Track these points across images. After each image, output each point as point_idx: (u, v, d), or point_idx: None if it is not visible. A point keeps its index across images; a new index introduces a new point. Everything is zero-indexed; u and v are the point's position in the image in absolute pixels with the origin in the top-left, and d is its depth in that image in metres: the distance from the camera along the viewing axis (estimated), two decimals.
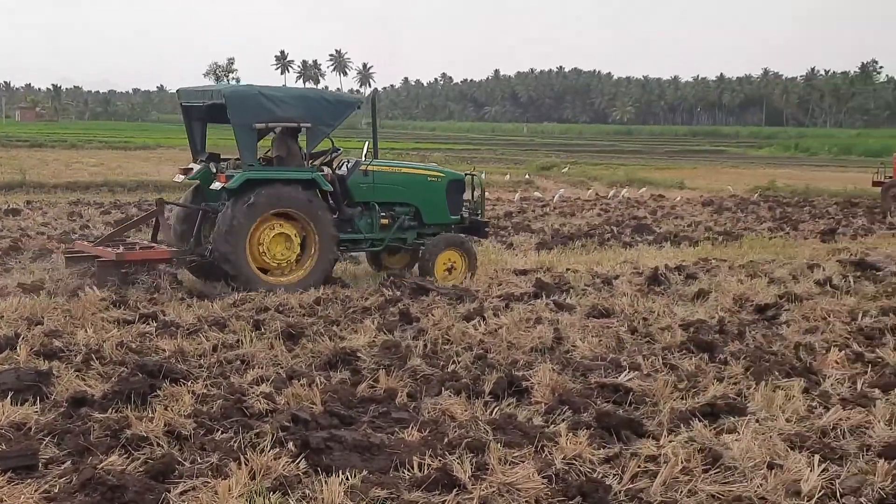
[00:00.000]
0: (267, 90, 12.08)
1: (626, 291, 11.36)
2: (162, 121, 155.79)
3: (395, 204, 12.94)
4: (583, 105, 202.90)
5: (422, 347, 8.33)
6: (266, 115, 11.78)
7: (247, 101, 11.74)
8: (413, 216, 13.06)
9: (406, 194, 13.01)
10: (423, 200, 13.12)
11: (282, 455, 5.48)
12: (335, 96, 12.99)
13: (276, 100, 11.92)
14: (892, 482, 5.32)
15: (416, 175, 13.36)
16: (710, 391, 7.15)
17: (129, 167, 37.19)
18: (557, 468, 5.49)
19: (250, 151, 11.75)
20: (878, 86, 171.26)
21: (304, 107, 12.09)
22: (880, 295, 11.47)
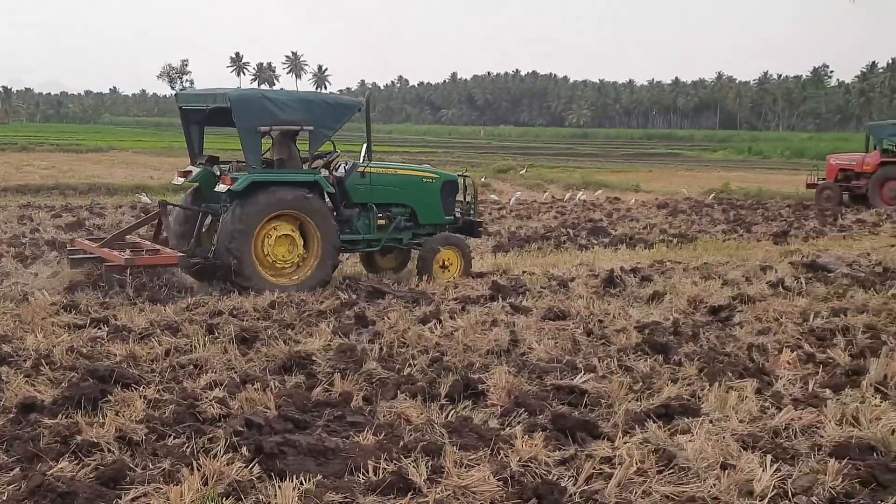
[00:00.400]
0: (270, 93, 12.35)
1: (582, 294, 11.40)
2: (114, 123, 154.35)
3: (392, 205, 13.25)
4: (539, 108, 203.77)
5: (377, 351, 8.30)
6: (270, 118, 11.98)
7: (251, 104, 11.92)
8: (409, 217, 13.39)
9: (402, 195, 13.31)
10: (419, 201, 13.44)
11: (235, 460, 5.42)
12: (336, 99, 13.18)
13: (280, 103, 12.12)
14: (843, 481, 5.38)
15: (411, 177, 13.63)
16: (664, 392, 7.18)
17: (80, 170, 36.74)
18: (513, 470, 5.49)
19: (255, 154, 11.95)
20: (830, 90, 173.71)
21: (306, 110, 12.30)
22: (831, 296, 11.60)
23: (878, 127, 31.01)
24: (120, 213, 21.36)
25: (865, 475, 5.48)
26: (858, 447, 5.97)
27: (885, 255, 15.99)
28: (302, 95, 12.98)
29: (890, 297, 11.47)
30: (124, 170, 38.90)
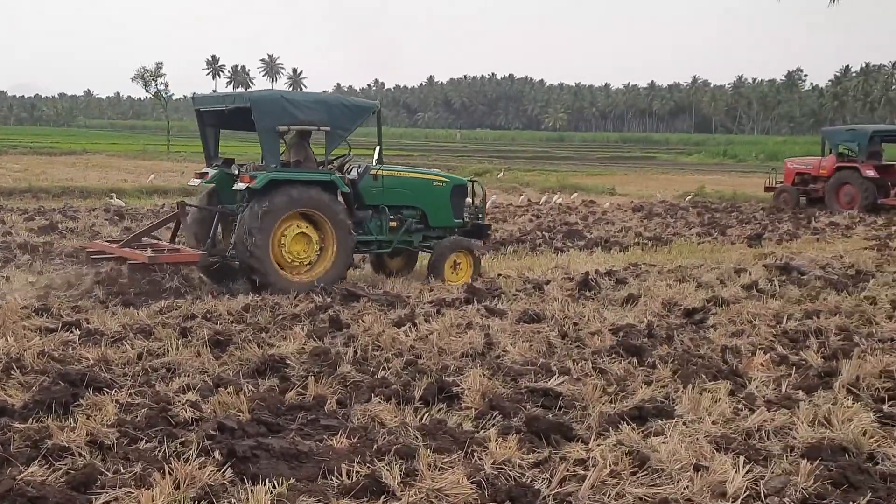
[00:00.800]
0: (289, 94, 12.81)
1: (557, 297, 11.41)
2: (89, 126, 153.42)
3: (403, 207, 13.54)
4: (516, 111, 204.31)
5: (352, 354, 8.27)
6: (288, 118, 12.29)
7: (271, 105, 12.22)
8: (419, 219, 13.68)
9: (413, 198, 13.62)
10: (430, 204, 13.74)
11: (207, 464, 5.38)
12: (352, 101, 13.33)
13: (298, 104, 12.45)
14: (815, 482, 5.41)
15: (422, 180, 13.99)
16: (638, 395, 7.21)
17: (54, 173, 36.46)
18: (487, 473, 5.48)
19: (273, 154, 12.23)
20: (804, 94, 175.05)
21: (323, 111, 12.60)
22: (804, 298, 11.68)
23: (833, 132, 31.70)
24: (93, 216, 21.19)
25: (837, 476, 5.51)
26: (830, 448, 6.00)
27: (858, 257, 16.13)
28: (319, 97, 13.38)
29: (862, 299, 11.56)
30: (98, 172, 38.64)
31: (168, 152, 60.50)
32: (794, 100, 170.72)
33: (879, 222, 24.68)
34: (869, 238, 20.45)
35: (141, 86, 67.53)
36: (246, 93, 12.41)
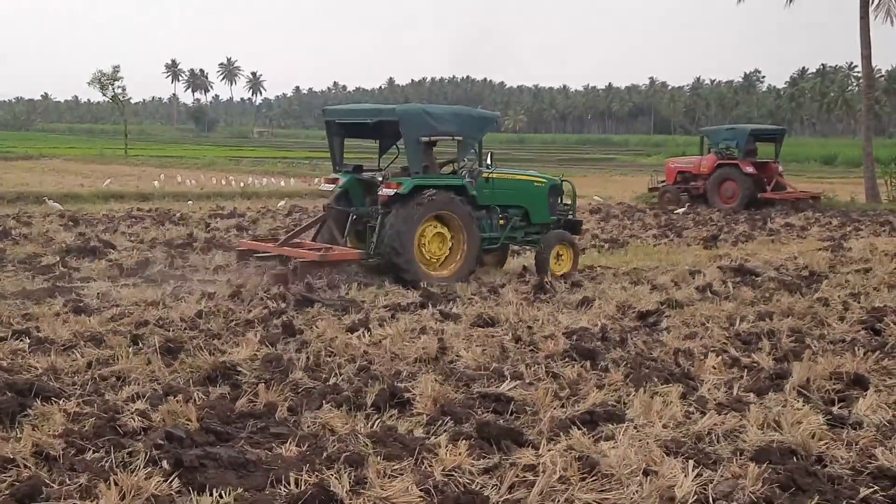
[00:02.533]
0: (430, 108, 14.18)
1: (512, 300, 11.43)
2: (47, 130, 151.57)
3: (510, 206, 14.72)
4: None
5: (304, 360, 8.20)
6: (429, 129, 13.61)
7: (416, 118, 13.53)
8: (522, 217, 14.85)
9: (518, 198, 14.82)
10: (531, 203, 14.95)
11: (154, 474, 5.31)
12: (479, 112, 15.01)
13: (437, 116, 13.80)
14: (763, 486, 5.44)
15: (525, 181, 15.21)
16: (590, 399, 7.21)
17: (9, 178, 35.99)
18: (436, 480, 5.46)
19: (417, 161, 13.46)
20: (761, 95, 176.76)
21: (457, 122, 13.96)
22: (758, 300, 11.79)
23: (714, 132, 33.35)
24: (48, 221, 20.94)
25: (785, 479, 5.54)
26: (779, 451, 6.04)
27: (812, 258, 16.30)
28: (454, 109, 15.00)
29: (815, 300, 11.68)
30: (54, 177, 38.19)
31: (126, 156, 59.98)
32: (752, 101, 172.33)
33: (833, 222, 24.98)
34: (823, 239, 20.69)
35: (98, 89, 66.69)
36: (394, 107, 14.19)
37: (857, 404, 7.12)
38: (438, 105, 17.70)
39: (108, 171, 42.08)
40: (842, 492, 5.52)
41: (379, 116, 13.84)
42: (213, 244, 16.88)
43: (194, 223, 21.43)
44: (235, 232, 19.56)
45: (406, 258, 12.93)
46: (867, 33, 36.16)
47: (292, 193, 31.29)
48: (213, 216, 23.44)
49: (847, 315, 10.68)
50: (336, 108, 15.24)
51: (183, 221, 21.80)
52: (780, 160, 32.37)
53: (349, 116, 14.69)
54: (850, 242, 19.60)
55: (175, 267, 14.04)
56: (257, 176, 41.11)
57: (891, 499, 5.46)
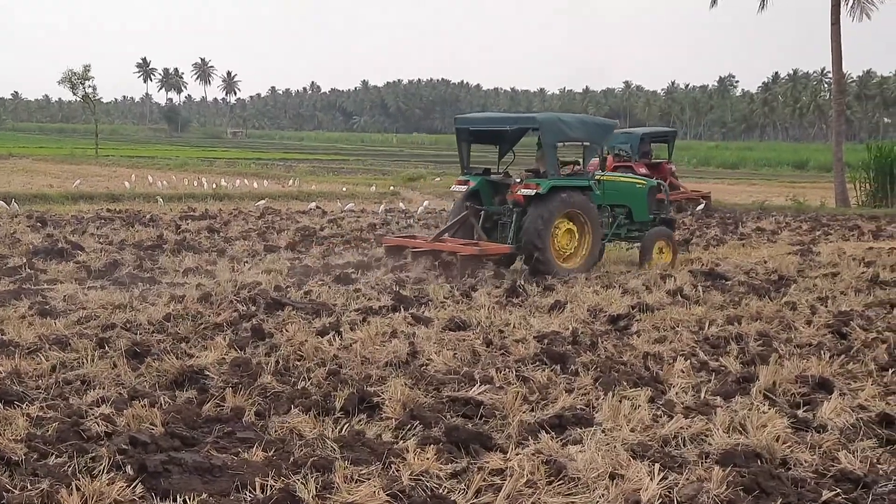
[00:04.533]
0: (563, 116, 15.60)
1: (484, 304, 11.42)
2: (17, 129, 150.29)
3: (617, 206, 16.27)
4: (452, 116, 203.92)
5: (273, 364, 8.15)
6: (563, 136, 15.26)
7: (553, 125, 15.07)
8: (626, 215, 16.36)
9: (623, 198, 16.35)
10: (634, 203, 16.46)
11: (117, 480, 5.27)
12: (602, 120, 17.02)
13: (569, 124, 15.35)
14: (727, 489, 5.47)
15: (630, 183, 16.88)
16: (559, 402, 7.23)
17: None
18: (403, 485, 5.45)
19: (554, 164, 15.05)
20: (735, 99, 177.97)
21: (585, 129, 15.64)
22: (727, 304, 11.86)
23: None
24: (15, 222, 20.74)
25: (749, 482, 5.58)
26: (744, 454, 6.08)
27: (781, 263, 16.40)
28: (582, 118, 16.68)
29: (783, 304, 11.76)
30: (23, 177, 37.83)
31: (97, 157, 59.51)
32: (726, 105, 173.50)
33: (803, 227, 25.17)
34: (793, 243, 20.82)
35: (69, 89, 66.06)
36: (535, 115, 15.95)
37: (821, 408, 7.17)
38: (569, 114, 18.96)
39: (78, 172, 41.75)
40: (805, 495, 5.56)
41: (518, 124, 15.64)
42: (183, 246, 16.78)
43: (165, 225, 21.29)
44: (206, 234, 19.45)
45: (544, 252, 14.40)
46: (838, 39, 36.47)
47: (266, 195, 31.17)
48: (185, 218, 23.31)
49: (814, 319, 10.76)
50: (469, 117, 16.80)
51: (153, 223, 21.65)
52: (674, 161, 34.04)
53: (485, 125, 16.33)
54: (819, 247, 19.74)
55: (144, 269, 13.95)
56: (230, 177, 40.89)
57: (853, 502, 5.51)
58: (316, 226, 22.08)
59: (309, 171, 50.34)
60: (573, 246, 15.06)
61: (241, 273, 13.62)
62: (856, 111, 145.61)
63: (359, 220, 24.33)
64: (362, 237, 19.74)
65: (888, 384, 7.99)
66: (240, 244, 17.60)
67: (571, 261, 14.99)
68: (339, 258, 16.03)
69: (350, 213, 26.61)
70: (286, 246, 17.42)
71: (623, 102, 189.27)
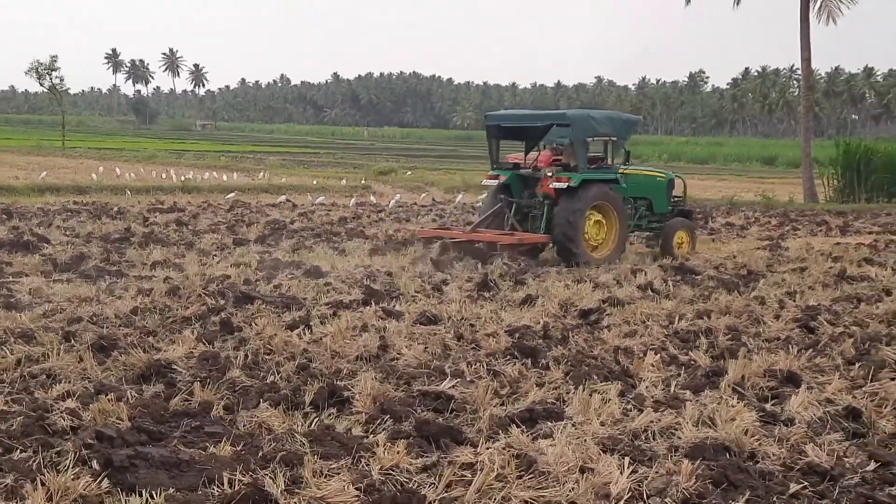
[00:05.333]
0: (593, 113, 16.59)
1: (456, 297, 11.40)
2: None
3: (639, 198, 16.99)
4: (423, 110, 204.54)
5: (242, 358, 8.09)
6: (592, 131, 16.10)
7: (583, 121, 15.99)
8: (647, 207, 17.13)
9: (645, 190, 17.11)
10: (655, 195, 17.25)
11: (83, 474, 5.20)
12: (627, 116, 17.80)
13: (598, 120, 16.19)
14: (696, 482, 5.48)
15: (650, 176, 17.68)
16: (530, 396, 7.22)
17: None
18: (373, 479, 5.43)
19: (583, 159, 15.81)
20: (705, 95, 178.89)
21: (612, 125, 16.39)
22: (697, 299, 11.91)
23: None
24: None
25: (717, 475, 5.60)
26: (713, 448, 6.10)
27: (750, 257, 16.51)
28: (609, 114, 17.37)
29: (752, 298, 11.84)
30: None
31: (63, 148, 58.92)
32: (697, 101, 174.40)
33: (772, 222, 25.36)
34: (762, 238, 20.97)
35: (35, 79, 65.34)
36: (566, 112, 16.85)
37: (789, 401, 7.23)
38: (598, 110, 19.81)
39: (45, 164, 41.35)
40: (772, 488, 5.60)
41: (549, 121, 16.49)
42: (151, 239, 16.65)
43: (132, 217, 21.13)
44: (175, 227, 19.31)
45: (576, 242, 15.19)
46: (807, 36, 36.76)
47: (235, 188, 30.99)
48: (152, 210, 23.14)
49: (782, 313, 10.84)
50: (500, 114, 17.91)
51: (121, 215, 21.48)
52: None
53: (516, 121, 17.35)
54: (787, 242, 19.92)
55: (111, 262, 13.81)
56: (199, 170, 40.65)
57: (820, 494, 5.55)
58: (286, 219, 21.98)
59: (279, 164, 50.09)
60: (602, 236, 15.81)
61: (209, 266, 13.53)
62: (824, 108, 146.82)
63: (329, 213, 24.24)
64: (333, 231, 19.66)
65: (855, 378, 8.06)
66: (209, 237, 17.49)
67: (600, 250, 15.70)
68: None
69: (321, 206, 26.52)
70: (256, 239, 17.32)
71: (595, 97, 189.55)
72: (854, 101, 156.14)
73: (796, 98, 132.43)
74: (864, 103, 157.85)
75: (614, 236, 15.88)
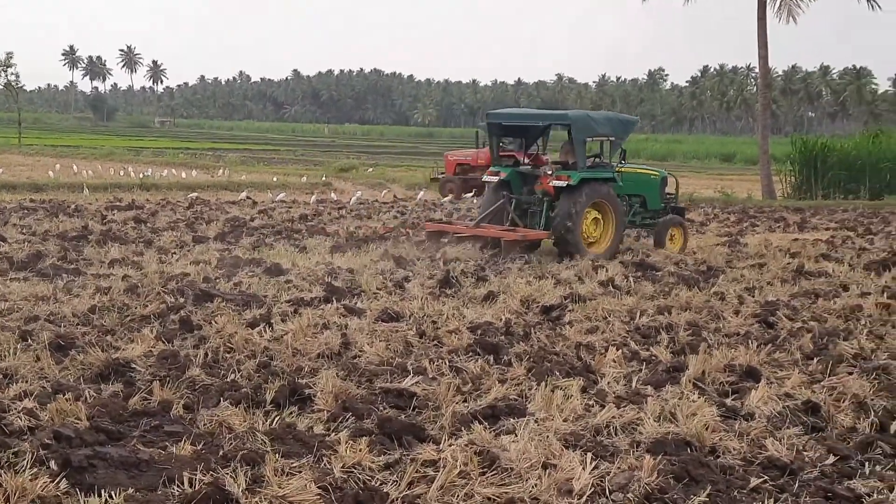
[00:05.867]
0: (592, 114, 17.18)
1: (418, 294, 11.38)
2: None
3: (634, 195, 17.48)
4: (384, 106, 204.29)
5: (202, 356, 8.01)
6: (591, 132, 16.58)
7: (583, 121, 16.50)
8: (641, 204, 17.59)
9: (640, 188, 17.62)
10: (649, 192, 17.73)
11: (40, 475, 5.13)
12: (625, 117, 18.19)
13: (596, 121, 16.72)
14: (658, 477, 5.51)
15: (644, 174, 18.17)
16: (492, 393, 7.23)
17: None
18: (335, 477, 5.39)
19: (582, 158, 16.36)
20: (664, 93, 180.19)
21: (611, 125, 16.85)
22: (657, 294, 11.98)
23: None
24: None
25: (679, 470, 5.64)
26: (674, 443, 6.14)
27: (710, 254, 16.65)
28: (608, 115, 17.94)
29: (712, 294, 11.93)
30: None
31: (20, 146, 58.14)
32: (656, 98, 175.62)
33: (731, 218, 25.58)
34: (721, 235, 21.14)
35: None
36: (567, 112, 17.44)
37: (749, 396, 7.28)
38: (597, 111, 20.21)
39: (0, 161, 40.76)
40: (733, 482, 5.65)
41: (549, 121, 17.40)
42: (109, 237, 16.46)
43: (90, 215, 20.86)
44: (133, 224, 19.11)
45: (575, 237, 15.71)
46: (765, 35, 37.11)
47: (195, 185, 30.73)
48: (110, 208, 22.88)
49: (742, 309, 10.93)
50: (501, 112, 18.11)
51: (78, 213, 21.21)
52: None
53: (517, 120, 17.86)
54: (746, 238, 20.12)
55: (69, 260, 13.63)
56: (158, 167, 40.28)
57: (780, 488, 5.60)
58: (246, 216, 21.81)
59: (239, 160, 49.78)
60: (599, 232, 16.32)
61: (168, 264, 13.38)
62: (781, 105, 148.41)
63: (290, 210, 24.11)
64: (294, 228, 19.55)
65: (813, 373, 8.15)
66: (167, 235, 17.31)
67: (596, 246, 16.18)
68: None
69: (281, 203, 26.37)
70: (215, 237, 17.18)
71: (555, 95, 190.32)
72: (811, 99, 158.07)
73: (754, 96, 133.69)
74: (821, 101, 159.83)
75: (611, 233, 16.39)
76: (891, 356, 8.77)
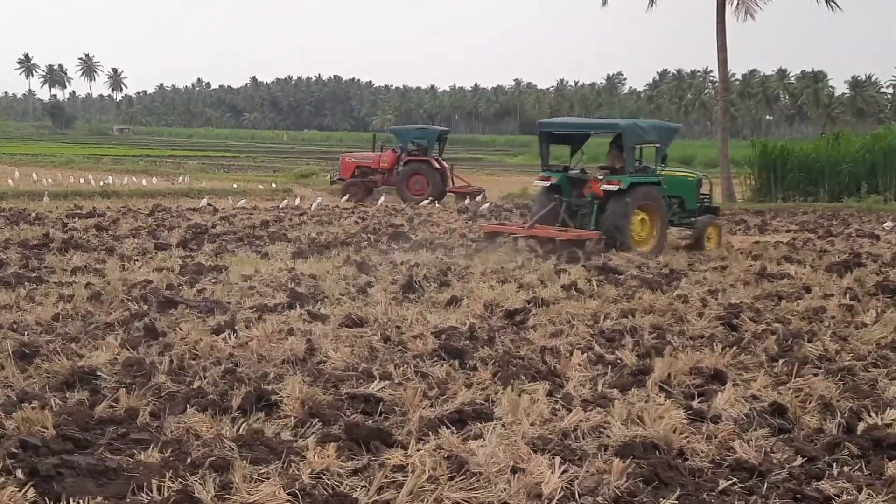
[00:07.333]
0: (640, 122, 18.89)
1: (381, 300, 11.36)
2: None
3: (673, 197, 18.65)
4: (343, 113, 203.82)
5: (168, 363, 7.96)
6: (640, 139, 18.23)
7: (633, 130, 18.08)
8: (679, 204, 18.81)
9: (678, 190, 18.85)
10: (687, 193, 19.02)
11: (7, 484, 5.08)
12: (669, 125, 19.88)
13: (644, 129, 18.32)
14: (627, 480, 5.55)
15: (682, 177, 19.58)
16: (458, 398, 7.23)
17: None
18: (304, 483, 5.39)
19: (632, 163, 17.92)
20: (623, 97, 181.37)
21: (657, 132, 18.39)
22: (621, 298, 12.03)
23: (404, 131, 36.56)
24: None
25: (648, 473, 5.67)
26: (642, 446, 6.17)
27: (672, 257, 16.78)
28: (654, 123, 19.33)
29: (675, 297, 12.01)
30: None
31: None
32: (614, 102, 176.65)
33: None
34: (683, 238, 21.29)
35: None
36: (619, 122, 19.08)
37: (715, 398, 7.33)
38: (645, 120, 21.43)
39: None
40: (702, 484, 5.68)
41: (601, 129, 19.51)
42: (71, 244, 16.28)
43: (51, 223, 20.62)
44: (95, 232, 18.92)
45: (624, 237, 17.14)
46: (724, 38, 37.43)
47: (155, 193, 30.48)
48: (71, 216, 22.61)
49: (705, 311, 11.02)
50: (553, 121, 20.09)
51: (39, 221, 20.95)
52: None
53: (569, 129, 19.59)
54: None
55: (30, 268, 13.48)
56: (118, 174, 39.90)
57: (748, 490, 5.64)
58: (208, 223, 21.67)
59: (199, 167, 49.43)
60: (646, 232, 17.68)
61: (131, 271, 13.27)
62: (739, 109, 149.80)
63: (251, 217, 23.98)
64: (255, 234, 19.46)
65: (779, 374, 8.22)
66: (129, 242, 17.16)
67: (643, 245, 17.46)
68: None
69: (242, 209, 26.23)
70: (177, 243, 17.06)
71: (513, 100, 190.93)
72: (769, 103, 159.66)
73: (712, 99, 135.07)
74: (779, 104, 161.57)
75: (657, 232, 17.77)
76: (855, 357, 8.89)
